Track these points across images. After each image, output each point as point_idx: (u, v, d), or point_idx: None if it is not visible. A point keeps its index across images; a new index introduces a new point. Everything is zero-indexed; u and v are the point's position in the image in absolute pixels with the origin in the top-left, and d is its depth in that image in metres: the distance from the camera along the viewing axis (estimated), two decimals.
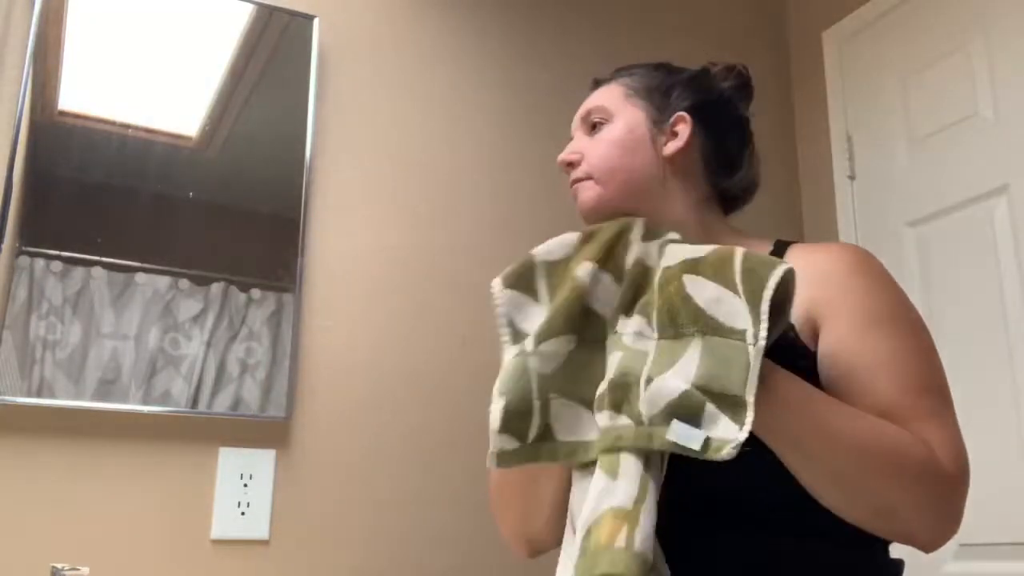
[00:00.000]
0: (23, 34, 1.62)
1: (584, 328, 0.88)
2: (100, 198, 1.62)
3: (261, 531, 1.60)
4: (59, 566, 1.37)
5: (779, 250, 1.02)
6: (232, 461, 1.61)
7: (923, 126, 2.04)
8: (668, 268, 0.86)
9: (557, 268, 0.92)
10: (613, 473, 0.79)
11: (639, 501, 0.77)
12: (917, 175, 2.03)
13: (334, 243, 1.80)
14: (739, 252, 0.82)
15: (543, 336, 0.86)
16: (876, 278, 0.95)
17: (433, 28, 2.02)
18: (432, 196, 1.92)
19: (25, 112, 1.58)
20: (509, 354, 0.89)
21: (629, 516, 0.76)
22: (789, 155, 2.36)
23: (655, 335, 0.83)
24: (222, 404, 1.62)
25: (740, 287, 0.80)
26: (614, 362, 0.84)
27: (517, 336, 0.90)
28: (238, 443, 1.62)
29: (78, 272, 1.56)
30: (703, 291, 0.81)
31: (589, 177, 1.05)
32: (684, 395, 0.76)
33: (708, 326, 0.80)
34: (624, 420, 0.81)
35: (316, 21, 1.85)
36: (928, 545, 0.85)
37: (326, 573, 1.64)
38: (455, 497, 1.75)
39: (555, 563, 0.91)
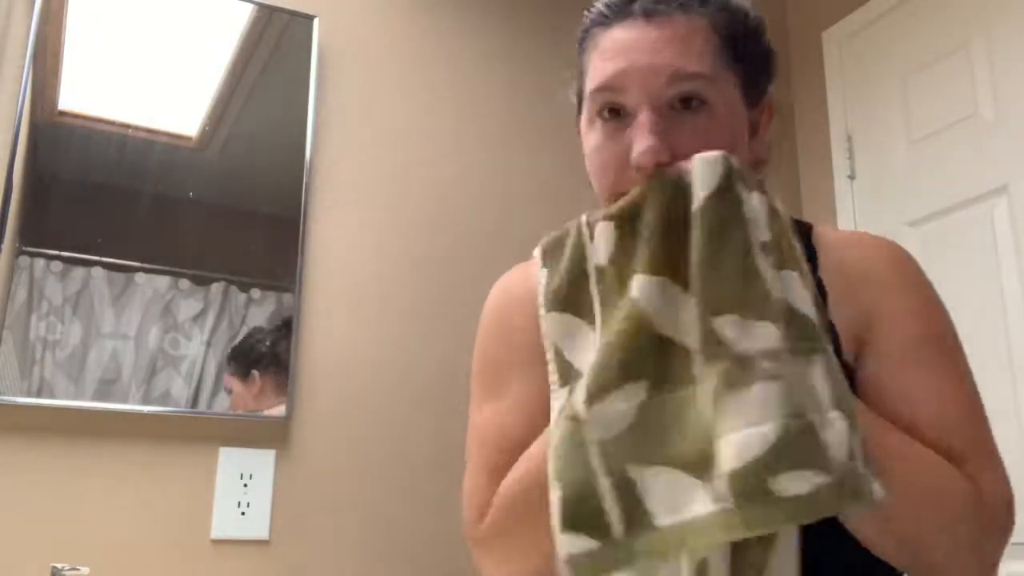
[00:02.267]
0: (23, 34, 1.62)
1: (657, 366, 0.63)
2: (100, 198, 1.62)
3: (261, 531, 1.60)
4: (59, 566, 1.38)
5: (799, 223, 0.84)
6: (232, 461, 1.61)
7: (923, 126, 2.04)
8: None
9: (605, 275, 0.71)
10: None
11: None
12: (917, 175, 2.03)
13: (334, 243, 1.80)
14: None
15: (596, 392, 0.62)
16: (923, 287, 0.83)
17: (433, 28, 2.02)
18: (432, 196, 1.92)
19: (25, 112, 1.58)
20: (556, 405, 0.68)
21: None
22: (789, 155, 2.36)
23: (788, 345, 0.60)
24: (222, 404, 1.62)
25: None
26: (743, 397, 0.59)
27: (567, 373, 0.69)
28: (238, 443, 1.62)
29: (78, 272, 1.56)
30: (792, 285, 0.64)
31: None
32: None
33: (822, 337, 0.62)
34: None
35: (316, 21, 1.85)
36: None
37: (326, 573, 1.64)
38: (455, 497, 1.75)
39: None
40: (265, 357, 1.66)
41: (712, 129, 0.75)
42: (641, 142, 0.73)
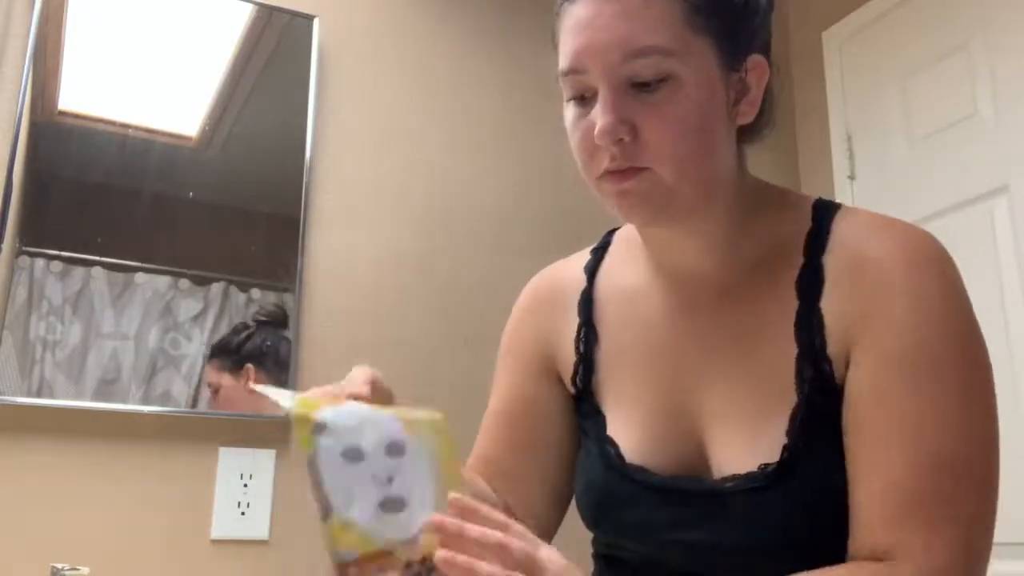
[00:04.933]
0: (23, 34, 1.62)
1: None
2: (100, 198, 1.62)
3: (261, 531, 1.60)
4: (59, 566, 1.38)
5: (820, 227, 0.79)
6: (232, 461, 1.61)
7: (923, 126, 2.04)
8: None
9: None
10: None
11: None
12: (917, 175, 2.03)
13: (334, 243, 1.80)
14: None
15: None
16: (943, 293, 0.73)
17: (433, 28, 2.02)
18: (432, 196, 1.92)
19: (25, 112, 1.58)
20: None
21: None
22: (789, 155, 2.36)
23: None
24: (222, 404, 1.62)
25: None
26: None
27: None
28: (238, 443, 1.62)
29: (78, 272, 1.56)
30: None
31: (645, 168, 0.73)
32: None
33: None
34: None
35: (316, 21, 1.85)
36: None
37: (326, 573, 1.64)
38: None
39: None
40: (259, 350, 1.66)
41: (676, 105, 0.72)
42: (599, 121, 0.72)
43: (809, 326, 0.75)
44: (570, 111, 0.77)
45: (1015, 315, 1.77)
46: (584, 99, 0.75)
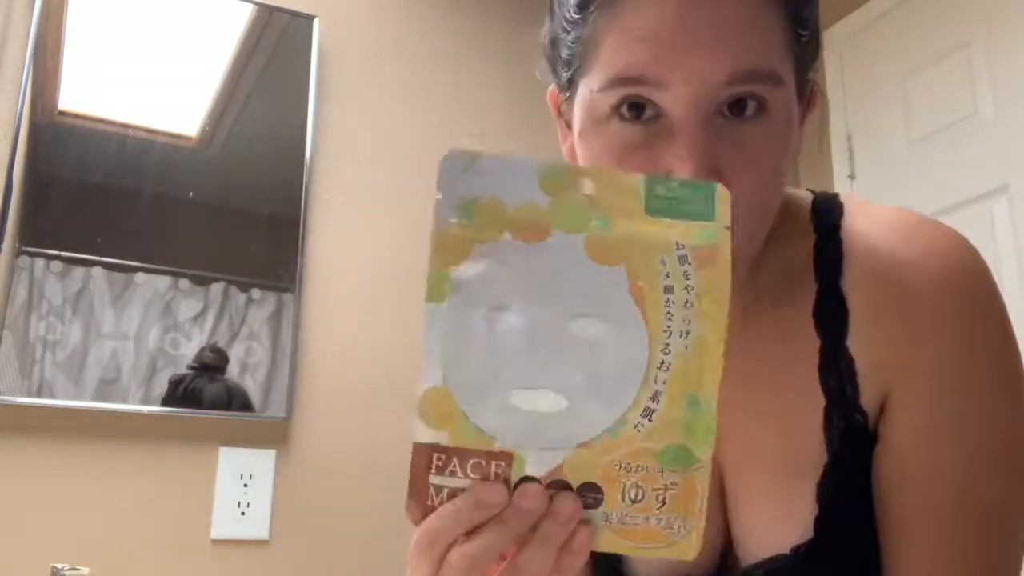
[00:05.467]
0: (23, 34, 1.62)
1: None
2: (100, 198, 1.62)
3: (261, 531, 1.60)
4: (59, 566, 1.38)
5: (826, 240, 0.66)
6: (232, 461, 1.61)
7: (923, 126, 2.04)
8: None
9: None
10: None
11: None
12: (917, 175, 2.03)
13: (334, 243, 1.80)
14: None
15: None
16: (996, 329, 0.62)
17: (433, 28, 2.02)
18: (432, 196, 1.92)
19: (25, 112, 1.58)
20: None
21: None
22: None
23: None
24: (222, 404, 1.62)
25: None
26: None
27: None
28: (238, 443, 1.62)
29: (78, 272, 1.56)
30: None
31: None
32: None
33: None
34: None
35: (316, 21, 1.85)
36: None
37: (326, 573, 1.64)
38: None
39: None
40: (192, 394, 1.60)
41: (766, 143, 0.57)
42: (683, 168, 0.55)
43: (837, 370, 0.63)
44: (613, 130, 0.59)
45: (1015, 315, 1.77)
46: (637, 116, 0.58)
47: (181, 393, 1.59)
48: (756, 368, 0.67)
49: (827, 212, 0.68)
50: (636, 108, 0.58)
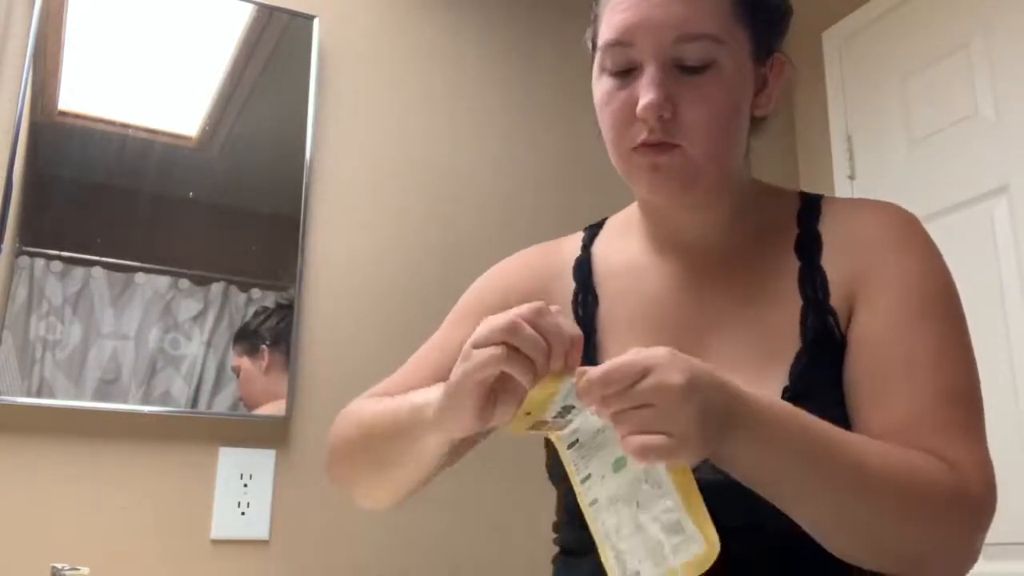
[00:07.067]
0: (23, 34, 1.62)
1: None
2: (100, 198, 1.62)
3: (261, 531, 1.60)
4: (59, 566, 1.37)
5: (809, 205, 0.88)
6: (232, 461, 1.61)
7: (923, 126, 2.04)
8: None
9: None
10: None
11: None
12: (917, 175, 2.03)
13: (334, 243, 1.80)
14: None
15: None
16: (926, 253, 0.81)
17: (433, 28, 2.02)
18: (432, 196, 1.92)
19: (25, 112, 1.58)
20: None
21: None
22: (789, 155, 2.36)
23: None
24: (222, 404, 1.62)
25: None
26: None
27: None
28: (238, 443, 1.62)
29: (78, 272, 1.56)
30: None
31: (677, 145, 0.78)
32: None
33: None
34: None
35: (316, 21, 1.85)
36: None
37: (326, 573, 1.64)
38: (455, 497, 1.75)
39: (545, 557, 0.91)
40: (273, 331, 1.67)
41: (716, 90, 0.77)
42: (645, 95, 0.76)
43: (812, 281, 0.81)
44: (606, 83, 0.81)
45: (1015, 315, 1.77)
46: (624, 73, 0.80)
47: (266, 327, 1.69)
48: (743, 289, 0.84)
49: (809, 195, 0.90)
50: (620, 66, 0.80)
